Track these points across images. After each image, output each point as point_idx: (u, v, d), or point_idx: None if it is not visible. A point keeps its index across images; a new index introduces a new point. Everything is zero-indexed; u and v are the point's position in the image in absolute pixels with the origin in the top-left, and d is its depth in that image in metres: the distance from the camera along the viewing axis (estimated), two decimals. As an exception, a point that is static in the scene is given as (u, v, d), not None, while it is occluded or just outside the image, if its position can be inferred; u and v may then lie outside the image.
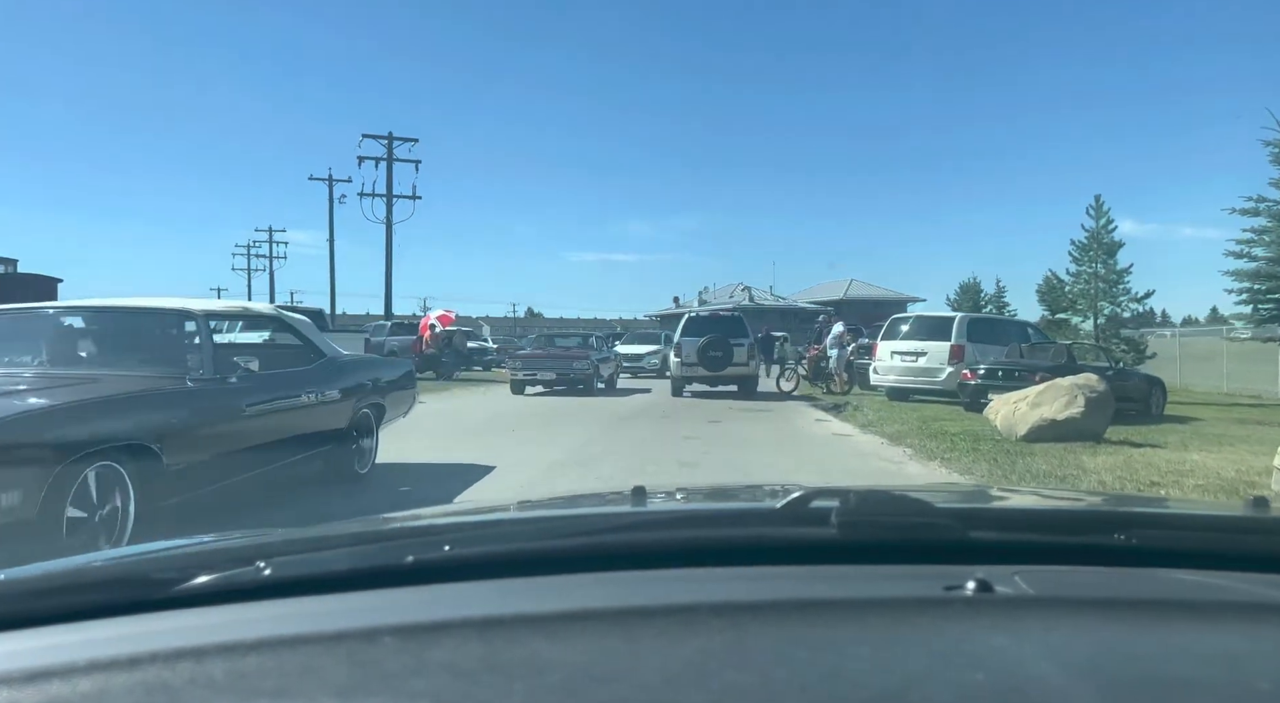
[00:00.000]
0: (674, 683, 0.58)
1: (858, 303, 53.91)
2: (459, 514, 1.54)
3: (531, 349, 21.71)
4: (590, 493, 1.87)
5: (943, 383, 15.49)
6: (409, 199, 34.69)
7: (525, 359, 18.55)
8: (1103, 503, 1.79)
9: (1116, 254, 25.11)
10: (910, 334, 16.37)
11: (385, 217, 34.34)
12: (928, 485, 4.08)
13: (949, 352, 15.51)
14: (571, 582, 0.86)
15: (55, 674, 0.61)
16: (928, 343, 15.87)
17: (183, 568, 0.89)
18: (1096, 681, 0.59)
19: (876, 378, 16.60)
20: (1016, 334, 16.72)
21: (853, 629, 0.69)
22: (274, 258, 60.76)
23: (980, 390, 13.26)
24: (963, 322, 15.98)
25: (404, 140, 34.70)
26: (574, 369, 17.51)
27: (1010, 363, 13.59)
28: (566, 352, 19.18)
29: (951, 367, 15.41)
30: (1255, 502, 1.30)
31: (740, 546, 1.00)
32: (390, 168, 34.57)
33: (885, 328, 17.04)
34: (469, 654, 0.63)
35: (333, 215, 41.12)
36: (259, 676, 0.60)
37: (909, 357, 16.03)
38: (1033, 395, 9.35)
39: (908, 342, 16.19)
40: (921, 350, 15.88)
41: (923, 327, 16.49)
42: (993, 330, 16.48)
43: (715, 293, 74.53)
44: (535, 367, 17.80)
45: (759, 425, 12.42)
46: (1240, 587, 0.87)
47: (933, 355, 15.70)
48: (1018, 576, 0.85)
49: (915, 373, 15.88)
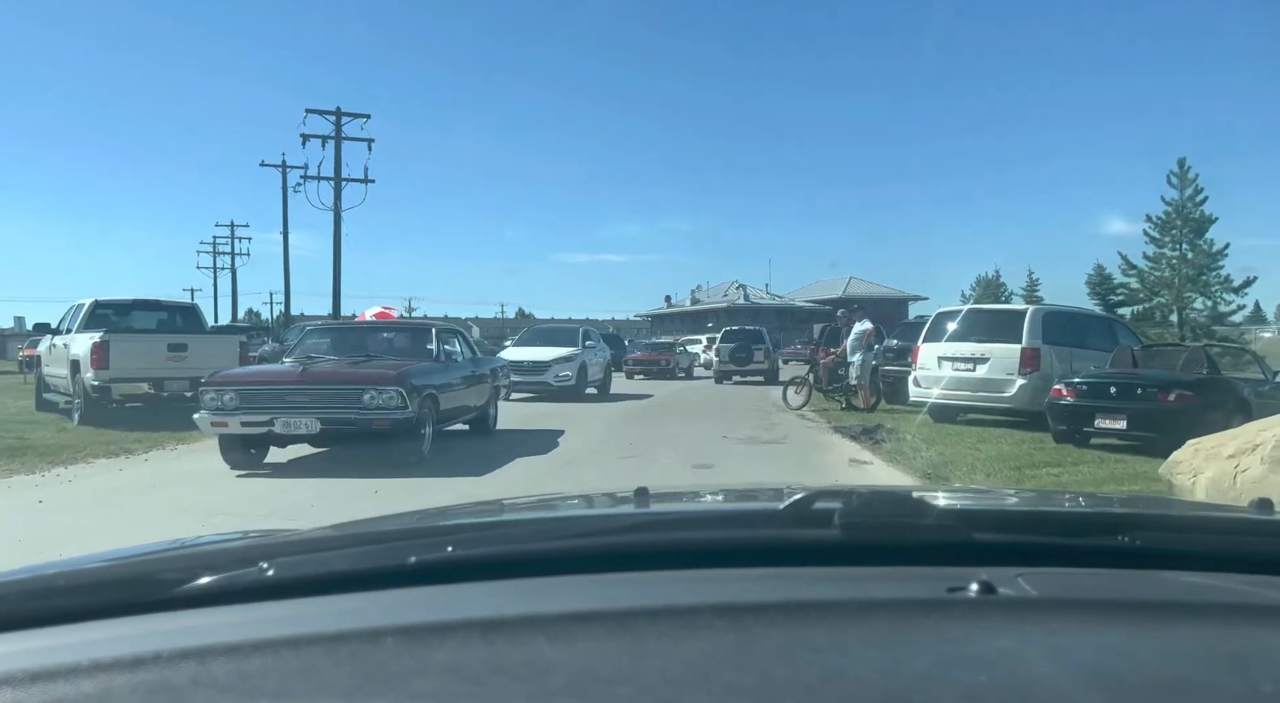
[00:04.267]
0: (677, 684, 0.58)
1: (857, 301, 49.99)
2: (461, 515, 1.44)
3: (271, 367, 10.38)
4: (593, 494, 1.70)
5: (1011, 399, 11.49)
6: (360, 183, 30.55)
7: (232, 386, 7.74)
8: (1106, 505, 1.77)
9: (1208, 231, 19.70)
10: (963, 334, 12.31)
11: (334, 203, 30.19)
12: (930, 487, 4.57)
13: (1020, 357, 11.48)
14: (574, 583, 0.87)
15: (58, 675, 0.61)
16: (989, 346, 11.83)
17: (186, 569, 0.89)
18: (1100, 683, 0.59)
19: (918, 391, 12.55)
20: (1102, 333, 12.73)
21: (856, 631, 0.69)
22: (237, 254, 57.05)
23: (1083, 415, 9.25)
24: (1037, 317, 11.88)
25: (354, 116, 30.52)
26: (355, 418, 7.55)
27: (1123, 375, 9.56)
28: (342, 374, 8.07)
29: (1023, 377, 11.40)
30: (1259, 504, 1.31)
31: (743, 547, 1.00)
32: (339, 147, 30.37)
33: (929, 326, 12.97)
34: (472, 655, 0.63)
35: (287, 205, 36.98)
36: (262, 676, 0.60)
37: (963, 364, 12.00)
38: (1271, 446, 5.24)
39: (961, 344, 12.15)
40: (981, 355, 11.85)
41: (980, 323, 12.41)
42: (1075, 328, 12.38)
43: (709, 292, 71.41)
44: (259, 406, 7.54)
45: (767, 469, 8.42)
46: (1244, 589, 0.87)
47: (997, 362, 11.68)
48: (1021, 577, 0.86)
49: (971, 385, 11.86)
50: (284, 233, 37.80)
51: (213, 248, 59.02)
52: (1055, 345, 11.69)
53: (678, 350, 30.44)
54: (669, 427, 12.15)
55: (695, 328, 43.23)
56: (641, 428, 11.94)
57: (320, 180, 30.67)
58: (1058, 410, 9.57)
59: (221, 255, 57.84)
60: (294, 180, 33.06)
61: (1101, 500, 2.05)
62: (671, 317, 66.87)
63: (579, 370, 17.17)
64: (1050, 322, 11.95)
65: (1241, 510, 1.41)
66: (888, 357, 15.54)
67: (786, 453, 9.63)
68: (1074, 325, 12.47)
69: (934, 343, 12.53)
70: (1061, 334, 11.95)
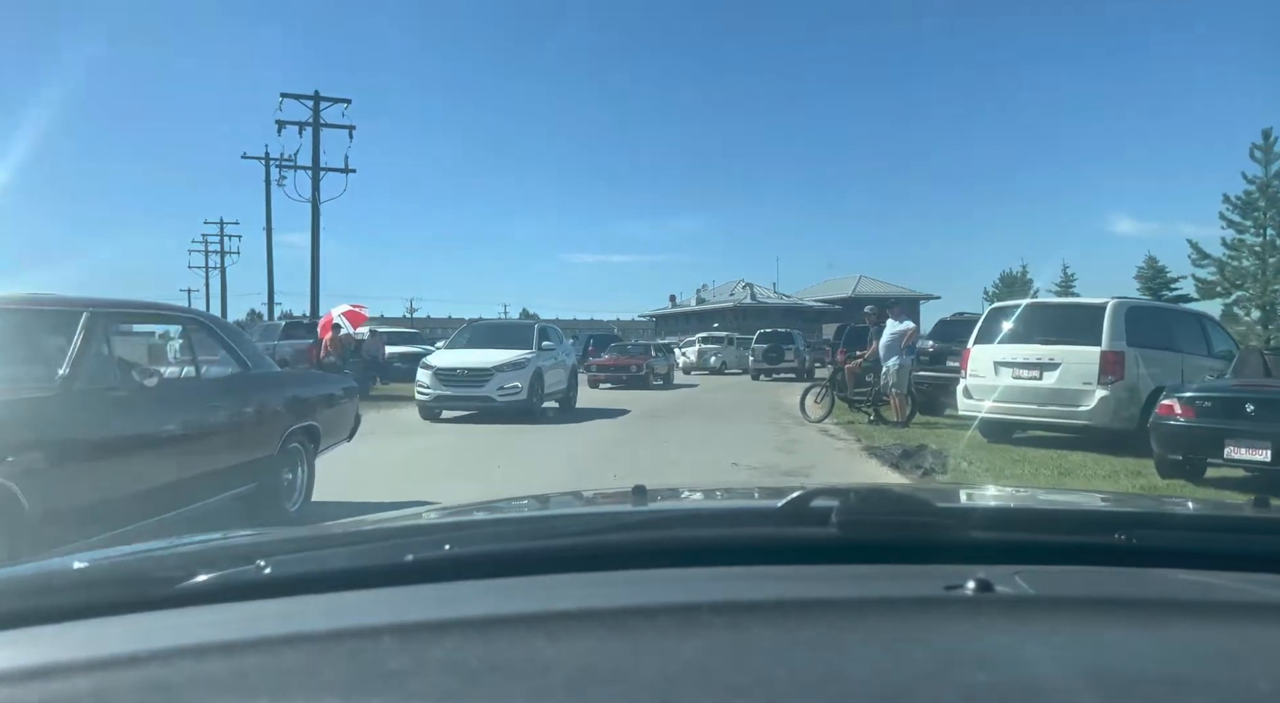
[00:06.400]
0: (675, 683, 0.58)
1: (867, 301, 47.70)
2: (459, 513, 1.45)
3: None
4: (591, 492, 1.72)
5: (1088, 414, 9.26)
6: (340, 172, 28.40)
7: None
8: (1103, 503, 1.76)
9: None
10: (1024, 333, 10.06)
11: (312, 194, 28.05)
12: (928, 485, 4.45)
13: (1099, 362, 9.26)
14: (572, 581, 0.87)
15: (56, 673, 0.61)
16: (1059, 348, 9.60)
17: (183, 567, 0.89)
18: (1096, 680, 0.59)
19: (968, 404, 10.32)
20: (1192, 332, 10.49)
21: (853, 629, 0.69)
22: (229, 253, 55.07)
23: (1205, 441, 7.00)
24: (1119, 312, 9.57)
25: (333, 101, 28.39)
26: None
27: (1262, 388, 7.32)
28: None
29: (1104, 388, 9.18)
30: (1255, 502, 1.30)
31: (741, 545, 1.00)
32: (316, 134, 28.23)
33: (981, 324, 10.70)
34: (470, 654, 0.63)
35: (270, 198, 34.76)
36: (259, 674, 0.60)
37: (1026, 371, 9.76)
38: None
39: (1023, 346, 9.90)
40: (1049, 360, 9.61)
41: (1046, 321, 10.13)
42: (1163, 327, 10.12)
43: (715, 291, 69.18)
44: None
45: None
46: (1240, 587, 0.88)
47: (1069, 368, 9.45)
48: (1018, 575, 0.85)
49: (1037, 397, 9.62)
50: (267, 228, 35.51)
51: (204, 247, 57.29)
52: (1141, 347, 9.46)
53: (653, 353, 25.45)
54: (661, 452, 9.86)
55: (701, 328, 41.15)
56: (622, 462, 8.75)
57: (298, 169, 28.64)
58: (1169, 434, 7.31)
59: (215, 254, 56.21)
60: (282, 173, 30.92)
61: (1099, 499, 2.00)
62: (677, 317, 64.64)
63: (531, 380, 13.21)
64: (1135, 318, 9.68)
65: (1239, 508, 1.40)
66: (921, 361, 13.36)
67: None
68: (1162, 323, 10.21)
69: (988, 345, 10.30)
70: (1149, 334, 9.70)
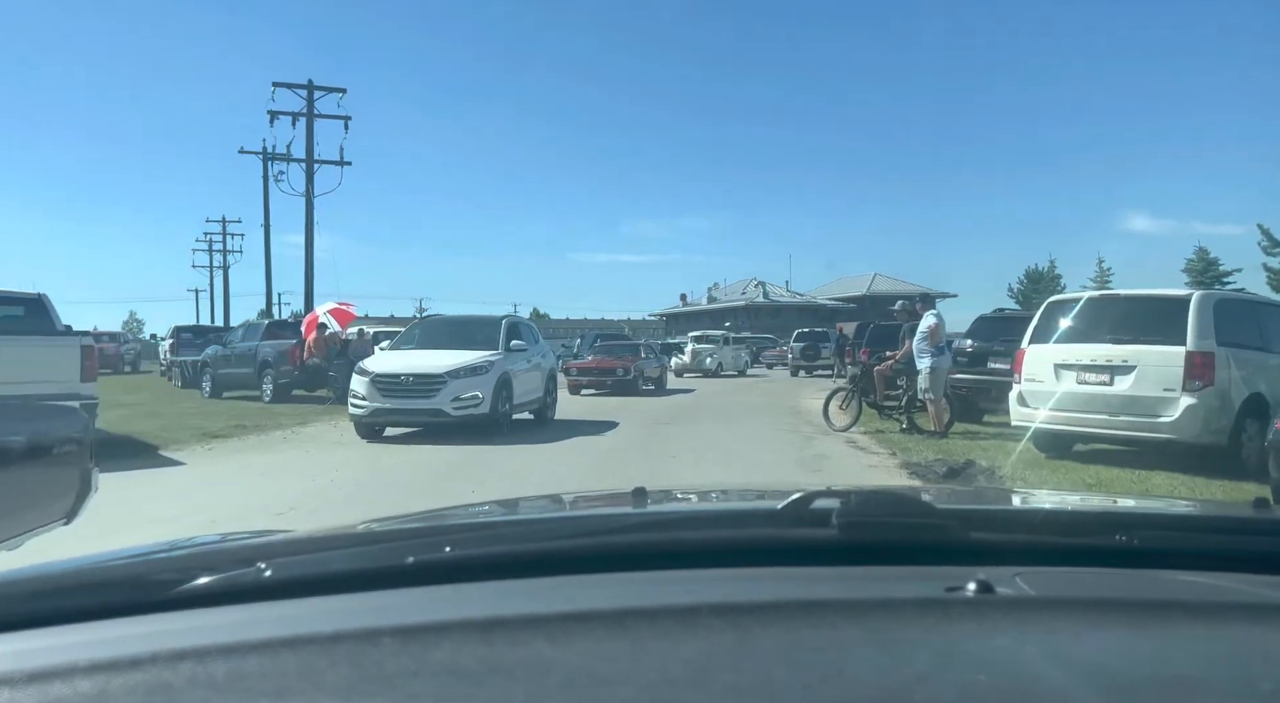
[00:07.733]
0: (676, 684, 0.58)
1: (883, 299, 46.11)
2: (459, 515, 1.45)
3: None
4: (592, 494, 1.74)
5: (1171, 427, 7.81)
6: (335, 165, 27.11)
7: None
8: (1103, 504, 1.76)
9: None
10: (1089, 331, 8.60)
11: (305, 187, 26.80)
12: (929, 487, 4.47)
13: (1184, 365, 7.80)
14: (573, 583, 0.87)
15: (56, 675, 0.61)
16: (1135, 348, 8.14)
17: (184, 569, 0.89)
18: (1098, 681, 0.59)
19: (1023, 413, 8.88)
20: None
21: (854, 630, 0.69)
22: (231, 252, 54.15)
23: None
24: (1207, 306, 8.09)
25: (327, 90, 27.18)
26: None
27: None
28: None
29: (1190, 395, 7.72)
30: (1256, 503, 1.30)
31: (742, 547, 1.00)
32: (310, 124, 27.02)
33: (1037, 321, 9.24)
34: (470, 655, 0.63)
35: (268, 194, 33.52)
36: (260, 677, 0.60)
37: (1094, 375, 8.31)
38: None
39: (1090, 346, 8.45)
40: (1122, 362, 8.15)
41: (1118, 316, 8.64)
42: (1258, 324, 8.60)
43: (726, 289, 67.82)
44: None
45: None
46: (1241, 588, 0.88)
47: (1146, 372, 8.00)
48: (1019, 576, 0.86)
49: (1108, 406, 8.17)
50: (265, 225, 34.25)
51: (208, 246, 56.37)
52: (1233, 347, 8.00)
53: (642, 353, 22.27)
54: (663, 469, 8.52)
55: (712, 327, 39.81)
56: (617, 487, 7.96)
57: (290, 161, 27.39)
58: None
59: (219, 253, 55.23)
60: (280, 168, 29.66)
61: (1099, 500, 1.90)
62: (687, 316, 63.24)
63: (496, 388, 11.06)
64: (1225, 313, 8.19)
65: (1239, 509, 1.39)
66: (959, 361, 11.92)
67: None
68: (1255, 319, 8.67)
69: (1046, 345, 8.86)
70: (1241, 331, 8.23)
